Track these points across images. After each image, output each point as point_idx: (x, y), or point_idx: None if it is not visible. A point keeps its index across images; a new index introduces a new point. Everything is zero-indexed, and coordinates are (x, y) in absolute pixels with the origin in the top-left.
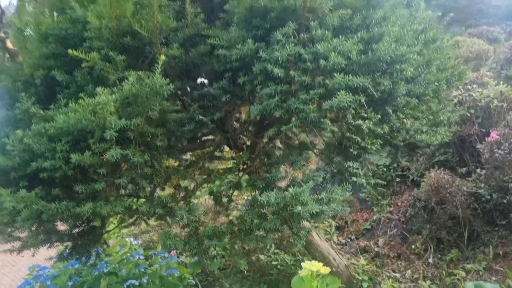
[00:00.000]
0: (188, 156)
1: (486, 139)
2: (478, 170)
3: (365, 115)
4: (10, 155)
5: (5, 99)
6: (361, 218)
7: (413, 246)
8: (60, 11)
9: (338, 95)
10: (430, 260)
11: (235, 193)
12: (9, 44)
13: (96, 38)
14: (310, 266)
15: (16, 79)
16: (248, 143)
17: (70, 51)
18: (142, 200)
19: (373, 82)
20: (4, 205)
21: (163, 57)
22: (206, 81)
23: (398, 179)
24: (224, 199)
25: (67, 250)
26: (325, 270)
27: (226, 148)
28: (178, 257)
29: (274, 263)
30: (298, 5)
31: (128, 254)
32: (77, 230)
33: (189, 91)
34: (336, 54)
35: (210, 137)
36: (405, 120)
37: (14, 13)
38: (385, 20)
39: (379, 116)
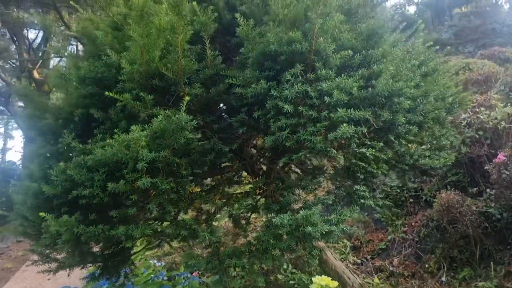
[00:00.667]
0: (208, 181)
1: (494, 160)
2: (488, 190)
3: (369, 143)
4: (53, 185)
5: (48, 135)
6: (376, 238)
7: (426, 265)
8: (96, 56)
9: (342, 127)
10: (443, 279)
11: (254, 215)
12: (35, 74)
13: (128, 80)
14: (320, 281)
15: (58, 117)
16: (264, 168)
17: (106, 93)
18: (167, 223)
19: (373, 114)
20: (49, 229)
21: (187, 98)
22: (225, 115)
23: (411, 200)
24: (243, 221)
25: (98, 271)
26: (334, 284)
27: (244, 173)
28: (200, 277)
29: (291, 282)
30: (304, 49)
31: (152, 275)
32: (107, 251)
33: (210, 123)
34: (339, 91)
35: (229, 163)
36: (409, 145)
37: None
38: (384, 58)
39: (381, 144)
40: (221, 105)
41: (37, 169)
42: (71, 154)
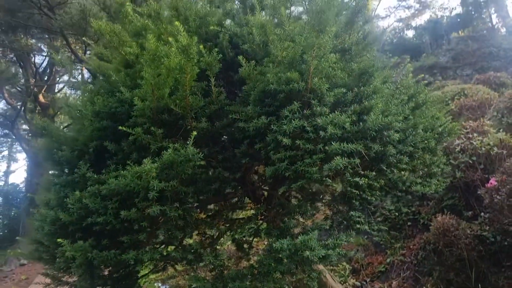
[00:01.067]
0: (212, 206)
1: (486, 185)
2: (482, 214)
3: (362, 173)
4: (69, 212)
5: (64, 165)
6: (375, 261)
7: None
8: (110, 93)
9: (336, 159)
10: None
11: (257, 239)
12: (41, 98)
13: (140, 115)
14: None
15: (73, 149)
16: (266, 194)
17: (120, 127)
18: (172, 247)
19: (365, 146)
20: (65, 253)
21: (194, 133)
22: (228, 145)
23: (409, 223)
24: (245, 245)
25: None
26: None
27: (247, 199)
28: None
29: None
30: (301, 88)
31: None
32: (116, 275)
33: (214, 154)
34: (333, 126)
35: (232, 190)
36: (402, 173)
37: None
38: (375, 93)
39: (373, 173)
40: (225, 137)
41: (54, 197)
42: (86, 184)
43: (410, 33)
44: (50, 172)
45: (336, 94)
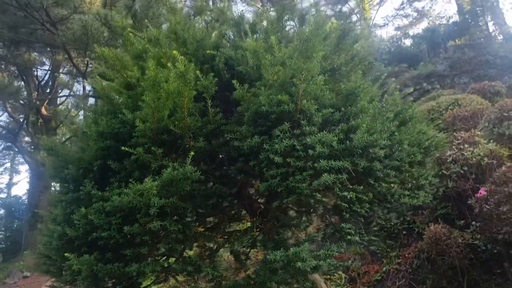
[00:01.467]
0: (211, 218)
1: (476, 195)
2: (474, 223)
3: (351, 187)
4: (75, 227)
5: (70, 183)
6: (372, 269)
7: None
8: (112, 114)
9: (324, 175)
10: None
11: (255, 250)
12: (43, 111)
13: (141, 136)
14: None
15: (79, 167)
16: (262, 207)
17: (122, 147)
18: (173, 259)
19: (352, 163)
20: (72, 267)
21: (192, 153)
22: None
23: (405, 232)
24: (243, 257)
25: None
26: None
27: (244, 211)
28: None
29: None
30: (291, 109)
31: None
32: (119, 286)
33: (212, 170)
34: (321, 144)
35: (230, 204)
36: (391, 185)
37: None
38: (361, 113)
39: (361, 187)
40: (222, 155)
41: (60, 213)
42: (91, 201)
43: (407, 42)
44: (52, 185)
45: (324, 114)
